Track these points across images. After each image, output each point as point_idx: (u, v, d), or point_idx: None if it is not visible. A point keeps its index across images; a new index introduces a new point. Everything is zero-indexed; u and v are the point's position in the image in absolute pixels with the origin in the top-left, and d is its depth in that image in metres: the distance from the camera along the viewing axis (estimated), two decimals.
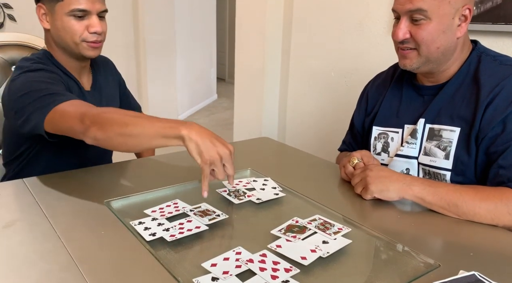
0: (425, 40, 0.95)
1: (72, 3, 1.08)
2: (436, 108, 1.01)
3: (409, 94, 1.09)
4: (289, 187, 1.01)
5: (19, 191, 0.95)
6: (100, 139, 0.89)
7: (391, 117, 1.11)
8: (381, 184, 0.91)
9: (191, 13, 4.52)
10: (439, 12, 0.92)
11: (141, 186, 0.99)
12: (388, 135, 1.11)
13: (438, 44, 0.95)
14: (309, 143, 2.17)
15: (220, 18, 6.24)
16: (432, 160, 1.00)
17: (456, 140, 0.97)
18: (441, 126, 0.99)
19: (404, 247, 0.76)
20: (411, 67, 1.00)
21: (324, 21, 1.99)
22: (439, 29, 0.93)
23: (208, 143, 0.83)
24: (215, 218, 0.83)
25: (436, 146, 1.00)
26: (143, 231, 0.77)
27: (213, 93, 5.67)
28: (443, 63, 1.00)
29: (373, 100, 1.18)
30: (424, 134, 1.02)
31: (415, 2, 0.92)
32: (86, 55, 1.14)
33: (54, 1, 1.09)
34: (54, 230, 0.78)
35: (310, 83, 2.14)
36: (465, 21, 0.95)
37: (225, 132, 4.14)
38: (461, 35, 0.96)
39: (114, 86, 1.36)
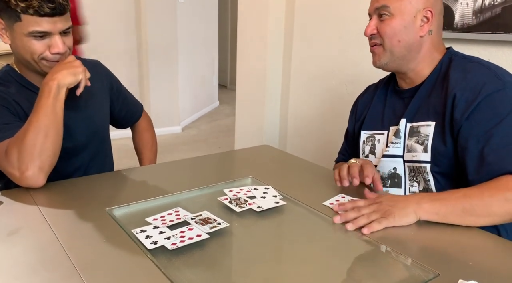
0: (388, 33, 1.04)
1: (30, 24, 1.02)
2: (414, 107, 1.08)
3: (392, 99, 1.16)
4: (290, 195, 1.02)
5: (23, 199, 0.96)
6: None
7: (377, 121, 1.17)
8: (401, 211, 0.88)
9: (193, 20, 4.55)
10: (401, 9, 1.02)
11: (142, 194, 1.00)
12: (374, 138, 1.17)
13: (399, 37, 1.04)
14: (310, 150, 2.18)
15: (222, 26, 6.28)
16: (414, 155, 1.05)
17: (432, 133, 1.02)
18: (419, 123, 1.05)
19: (404, 256, 0.77)
20: (380, 63, 1.08)
21: (325, 29, 2.01)
22: (401, 25, 1.03)
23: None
24: (216, 226, 0.84)
25: (415, 141, 1.05)
26: (144, 239, 0.78)
27: (215, 100, 5.69)
28: (410, 61, 1.07)
29: (362, 107, 1.25)
30: (406, 133, 1.08)
31: (381, 0, 1.04)
32: (46, 72, 1.09)
33: (11, 20, 1.03)
34: (56, 238, 0.78)
35: (311, 91, 2.15)
36: (427, 22, 1.04)
37: (227, 139, 4.15)
38: (423, 34, 1.04)
39: (101, 92, 1.30)
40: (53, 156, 1.02)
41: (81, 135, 1.21)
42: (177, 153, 3.71)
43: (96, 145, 1.27)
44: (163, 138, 4.03)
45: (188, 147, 3.93)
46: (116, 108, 1.37)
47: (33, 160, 0.98)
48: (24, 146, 0.98)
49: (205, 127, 4.65)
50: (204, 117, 5.09)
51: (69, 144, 1.17)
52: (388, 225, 0.86)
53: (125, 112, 1.42)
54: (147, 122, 1.51)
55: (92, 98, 1.26)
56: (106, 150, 1.35)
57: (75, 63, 1.07)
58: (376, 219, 0.87)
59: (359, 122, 1.24)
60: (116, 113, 1.38)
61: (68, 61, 1.07)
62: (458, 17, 1.42)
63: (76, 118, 1.20)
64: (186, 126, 4.61)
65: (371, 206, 0.90)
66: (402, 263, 0.76)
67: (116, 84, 1.37)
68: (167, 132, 4.24)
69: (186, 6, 4.33)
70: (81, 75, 1.07)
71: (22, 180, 0.99)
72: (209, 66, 5.20)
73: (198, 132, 4.44)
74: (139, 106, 1.48)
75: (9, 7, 1.01)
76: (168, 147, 3.86)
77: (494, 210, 0.85)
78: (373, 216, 0.88)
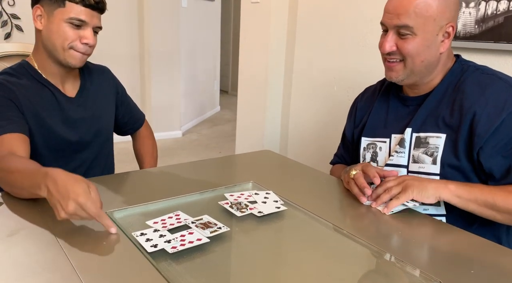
0: (411, 53, 1.00)
1: (72, 11, 1.09)
2: (421, 117, 1.05)
3: (395, 105, 1.14)
4: (291, 200, 1.02)
5: (23, 200, 0.96)
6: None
7: (379, 128, 1.15)
8: (420, 184, 0.93)
9: (196, 26, 4.57)
10: (424, 29, 0.97)
11: (143, 197, 1.00)
12: (376, 145, 1.14)
13: (423, 57, 1.00)
14: (311, 156, 2.18)
15: (224, 31, 6.31)
16: (421, 166, 1.03)
17: (443, 146, 1.00)
18: (428, 134, 1.03)
19: (405, 264, 0.76)
20: (397, 79, 1.05)
21: (327, 35, 2.02)
22: (424, 45, 0.99)
23: (62, 196, 0.77)
24: (217, 231, 0.83)
25: (423, 152, 1.03)
26: (144, 242, 0.78)
27: (216, 105, 5.70)
28: (426, 76, 1.05)
29: (362, 112, 1.23)
30: (412, 143, 1.05)
31: (402, 18, 0.97)
32: (69, 63, 1.14)
33: (55, 5, 1.10)
34: (56, 239, 0.78)
35: (312, 97, 2.15)
36: (448, 37, 1.01)
37: (227, 145, 4.15)
38: (444, 50, 1.01)
39: (108, 95, 1.34)
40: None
41: (86, 132, 1.24)
42: (177, 157, 3.70)
43: (100, 144, 1.30)
44: (164, 142, 4.03)
45: (188, 152, 3.92)
46: (120, 113, 1.40)
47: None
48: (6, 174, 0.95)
49: (206, 132, 4.65)
50: (205, 122, 5.09)
51: (74, 138, 1.21)
52: (407, 198, 0.92)
53: (128, 118, 1.45)
54: (148, 131, 1.54)
55: (99, 98, 1.30)
56: (109, 151, 1.38)
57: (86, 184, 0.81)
58: (396, 196, 0.92)
59: (359, 128, 1.22)
60: (119, 118, 1.41)
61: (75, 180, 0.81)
62: (461, 26, 1.43)
63: (84, 115, 1.24)
64: (187, 131, 4.61)
65: (394, 181, 0.96)
66: (404, 270, 0.75)
67: (122, 90, 1.42)
68: (167, 137, 4.24)
69: (189, 12, 4.35)
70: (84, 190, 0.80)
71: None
72: (210, 71, 5.22)
73: (198, 137, 4.44)
74: (142, 115, 1.52)
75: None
76: (169, 151, 3.85)
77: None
78: (394, 190, 0.93)
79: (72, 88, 1.24)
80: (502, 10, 1.33)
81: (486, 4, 1.37)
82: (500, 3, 1.33)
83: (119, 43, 3.88)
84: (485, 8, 1.37)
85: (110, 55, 3.77)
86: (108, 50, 3.77)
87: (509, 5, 1.31)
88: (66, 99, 1.21)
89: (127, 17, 3.87)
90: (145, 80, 4.07)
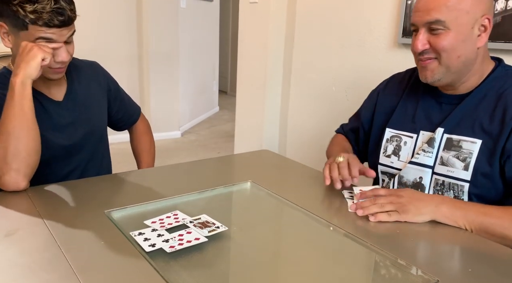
0: (446, 48, 0.94)
1: (37, 32, 1.01)
2: (456, 118, 1.00)
3: (426, 100, 1.08)
4: (290, 200, 1.02)
5: (21, 200, 0.96)
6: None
7: (406, 122, 1.10)
8: (416, 210, 0.89)
9: (194, 26, 4.57)
10: (457, 22, 0.92)
11: (141, 197, 1.00)
12: (401, 139, 1.10)
13: (459, 53, 0.94)
14: (310, 156, 2.18)
15: (223, 32, 6.31)
16: (450, 170, 0.99)
17: (477, 152, 0.96)
18: (461, 137, 0.99)
19: (403, 262, 0.76)
20: (433, 79, 0.99)
21: (326, 36, 2.02)
22: (459, 39, 0.93)
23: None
24: (215, 230, 0.83)
25: (454, 156, 0.98)
26: (142, 241, 0.78)
27: (215, 105, 5.70)
28: (464, 74, 0.99)
29: (386, 100, 1.17)
30: (441, 144, 1.01)
31: (432, 13, 0.93)
32: (50, 78, 1.11)
33: (17, 27, 1.02)
34: (54, 239, 0.78)
35: (311, 97, 2.15)
36: (485, 31, 0.95)
37: (226, 145, 4.15)
38: (481, 45, 0.95)
39: (99, 92, 1.30)
40: (28, 156, 1.00)
41: (78, 135, 1.21)
42: (176, 158, 3.70)
43: (94, 145, 1.27)
44: (163, 143, 4.03)
45: (187, 152, 3.92)
46: (114, 110, 1.37)
47: (8, 164, 0.98)
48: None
49: (205, 133, 4.65)
50: (203, 123, 5.09)
51: (66, 142, 1.18)
52: (399, 219, 0.89)
53: (123, 114, 1.41)
54: (145, 125, 1.51)
55: (89, 98, 1.26)
56: (104, 151, 1.35)
57: (28, 48, 0.99)
58: (388, 211, 0.89)
59: (381, 117, 1.17)
60: (113, 115, 1.38)
61: (22, 51, 1.00)
62: None
63: (73, 118, 1.21)
64: (185, 131, 4.61)
65: (389, 197, 0.91)
66: (401, 269, 0.75)
67: (114, 85, 1.37)
68: (166, 137, 4.24)
69: (188, 12, 4.35)
70: (40, 54, 0.99)
71: (2, 185, 0.99)
72: (209, 72, 5.22)
73: (197, 138, 4.44)
74: (137, 109, 1.48)
75: (16, 15, 1.00)
76: (168, 151, 3.85)
77: (509, 234, 0.84)
78: (387, 207, 0.90)
79: (58, 91, 1.19)
80: (500, 10, 1.33)
81: None
82: (498, 3, 1.33)
83: (118, 44, 3.88)
84: None
85: (109, 56, 3.77)
86: (107, 51, 3.78)
87: (506, 4, 1.32)
88: (54, 104, 1.17)
89: (126, 18, 3.87)
90: (144, 80, 4.07)
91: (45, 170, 1.10)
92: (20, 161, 0.99)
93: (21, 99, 1.00)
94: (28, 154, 1.00)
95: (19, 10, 0.99)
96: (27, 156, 1.00)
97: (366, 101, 1.26)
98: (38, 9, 0.99)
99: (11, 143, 0.98)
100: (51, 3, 1.00)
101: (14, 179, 0.98)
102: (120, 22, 3.85)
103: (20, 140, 0.99)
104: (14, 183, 0.99)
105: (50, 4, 1.00)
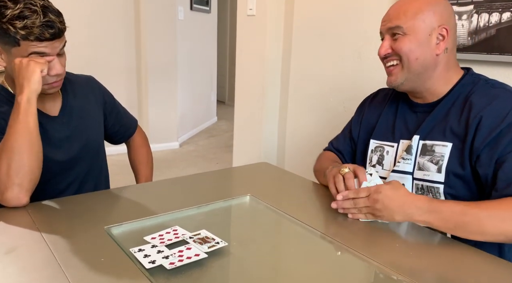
0: (404, 50, 1.04)
1: (30, 47, 1.02)
2: (429, 125, 1.07)
3: (403, 110, 1.16)
4: (289, 213, 1.02)
5: (20, 216, 0.96)
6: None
7: (387, 132, 1.17)
8: (389, 215, 0.95)
9: (192, 37, 4.60)
10: (414, 28, 1.02)
11: (140, 212, 1.00)
12: (384, 148, 1.16)
13: (417, 55, 1.03)
14: (308, 168, 2.17)
15: (220, 42, 6.35)
16: (426, 174, 1.04)
17: (448, 154, 1.01)
18: (434, 142, 1.05)
19: (402, 277, 0.76)
20: (396, 83, 1.08)
21: (323, 47, 2.04)
22: (415, 43, 1.03)
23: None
24: (215, 246, 0.83)
25: (429, 160, 1.04)
26: (142, 258, 0.78)
27: (213, 115, 5.71)
28: (426, 80, 1.06)
29: (371, 113, 1.24)
30: (418, 150, 1.07)
31: (393, 20, 1.05)
32: (46, 92, 1.11)
33: (9, 45, 1.03)
34: (54, 256, 0.78)
35: (309, 108, 2.17)
36: (443, 40, 1.03)
37: (225, 155, 4.15)
38: (440, 52, 1.03)
39: (94, 106, 1.31)
40: (30, 172, 1.01)
41: (74, 150, 1.21)
42: (175, 169, 3.70)
43: (90, 159, 1.27)
44: (161, 154, 4.03)
45: (185, 163, 3.92)
46: (110, 123, 1.37)
47: (11, 179, 0.98)
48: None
49: (203, 143, 4.66)
50: (202, 133, 5.10)
51: (62, 157, 1.18)
52: (374, 219, 0.98)
53: (119, 127, 1.42)
54: (142, 138, 1.51)
55: (85, 112, 1.26)
56: (101, 164, 1.35)
57: (24, 64, 1.02)
58: (365, 213, 0.98)
59: (366, 129, 1.23)
60: (109, 128, 1.38)
61: (19, 68, 1.02)
62: None
63: (69, 132, 1.21)
64: (184, 142, 4.61)
65: (366, 201, 0.97)
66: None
67: (109, 98, 1.38)
68: (165, 148, 4.24)
69: (186, 24, 4.38)
70: (37, 67, 1.02)
71: (4, 201, 1.00)
72: (207, 82, 5.24)
73: (196, 148, 4.45)
74: (133, 121, 1.48)
75: (7, 33, 1.00)
76: (166, 162, 3.85)
77: (488, 229, 0.85)
78: (363, 210, 0.98)
79: (53, 106, 1.20)
80: (494, 23, 1.35)
81: (478, 16, 1.39)
82: (492, 16, 1.35)
83: (116, 55, 3.90)
84: (477, 20, 1.39)
85: (107, 68, 3.79)
86: (105, 63, 3.80)
87: (500, 17, 1.33)
88: (48, 119, 1.17)
89: (124, 30, 3.89)
90: (142, 91, 4.08)
91: (42, 184, 1.09)
92: (23, 176, 0.99)
93: (27, 116, 1.01)
94: (30, 169, 1.01)
95: (9, 27, 1.00)
96: (29, 171, 1.01)
97: (355, 117, 1.31)
98: (28, 24, 1.00)
99: (15, 158, 0.99)
100: (40, 17, 1.01)
101: (16, 194, 0.99)
102: (119, 34, 3.87)
103: (24, 156, 1.00)
104: (16, 199, 0.99)
105: (40, 19, 1.01)
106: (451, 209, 0.90)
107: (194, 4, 4.52)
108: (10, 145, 0.99)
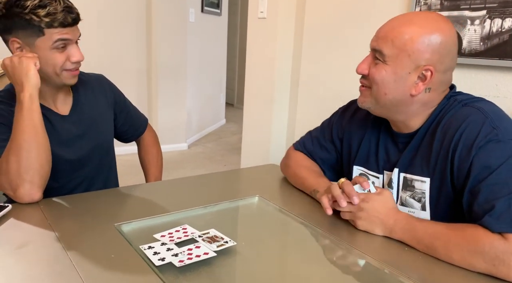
0: (376, 80, 0.95)
1: (54, 35, 1.05)
2: (408, 157, 0.99)
3: (385, 139, 1.07)
4: (297, 215, 1.02)
5: (33, 212, 0.97)
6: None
7: (371, 160, 1.09)
8: (370, 227, 0.93)
9: (203, 39, 4.62)
10: (397, 61, 0.92)
11: (150, 210, 1.01)
12: (369, 178, 1.09)
13: (386, 90, 0.94)
14: None
15: (230, 45, 6.38)
16: (411, 211, 0.99)
17: (428, 191, 0.96)
18: (413, 176, 0.98)
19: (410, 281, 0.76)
20: (364, 105, 1.00)
21: (333, 51, 2.04)
22: (391, 77, 0.93)
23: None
24: (224, 245, 0.84)
25: (410, 196, 0.99)
26: (152, 255, 0.79)
27: (222, 118, 5.73)
28: (396, 113, 0.98)
29: (352, 133, 1.15)
30: (400, 184, 1.01)
31: (380, 43, 0.94)
32: (66, 83, 1.14)
33: (33, 36, 1.05)
34: (65, 252, 0.79)
35: (318, 111, 2.17)
36: (424, 81, 0.92)
37: (233, 157, 4.16)
38: (416, 93, 0.93)
39: (105, 105, 1.31)
40: (40, 168, 1.02)
41: (84, 149, 1.22)
42: (182, 170, 3.72)
43: (100, 158, 1.28)
44: (169, 155, 4.05)
45: (193, 164, 3.94)
46: (120, 122, 1.38)
47: (21, 176, 1.00)
48: (9, 165, 1.00)
49: (211, 145, 4.67)
50: (210, 135, 5.11)
51: (72, 156, 1.20)
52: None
53: (129, 126, 1.42)
54: (152, 137, 1.51)
55: (95, 111, 1.27)
56: (111, 164, 1.36)
57: (16, 62, 1.03)
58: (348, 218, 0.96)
59: (347, 152, 1.16)
60: (119, 127, 1.39)
61: (13, 68, 1.04)
62: (466, 42, 1.44)
63: (80, 132, 1.22)
64: (192, 143, 4.63)
65: (351, 206, 0.94)
66: None
67: (120, 97, 1.38)
68: (173, 149, 4.26)
69: (196, 26, 4.41)
70: (30, 61, 1.03)
71: (17, 198, 1.01)
72: (216, 84, 5.26)
73: (204, 150, 4.46)
74: (144, 120, 1.49)
75: (31, 23, 1.03)
76: (174, 163, 3.87)
77: (455, 258, 0.81)
78: (346, 215, 0.96)
79: (64, 105, 1.21)
80: (507, 28, 1.35)
81: (491, 21, 1.38)
82: (505, 21, 1.35)
83: (127, 57, 3.93)
84: (490, 25, 1.38)
85: (118, 69, 3.82)
86: (116, 64, 3.83)
87: None
88: (59, 118, 1.18)
89: (136, 32, 3.93)
90: (152, 93, 4.11)
91: (51, 183, 1.10)
92: (33, 173, 1.01)
93: (31, 113, 1.03)
94: (40, 165, 1.02)
95: (32, 17, 1.02)
96: (39, 167, 1.02)
97: (334, 121, 1.25)
98: (51, 11, 1.03)
99: (23, 155, 1.00)
100: (60, 4, 1.05)
101: (28, 190, 1.00)
102: (130, 35, 3.91)
103: (32, 153, 1.01)
104: (28, 195, 1.00)
105: (60, 5, 1.05)
106: (425, 230, 0.86)
107: (205, 7, 4.54)
108: (18, 143, 1.01)
